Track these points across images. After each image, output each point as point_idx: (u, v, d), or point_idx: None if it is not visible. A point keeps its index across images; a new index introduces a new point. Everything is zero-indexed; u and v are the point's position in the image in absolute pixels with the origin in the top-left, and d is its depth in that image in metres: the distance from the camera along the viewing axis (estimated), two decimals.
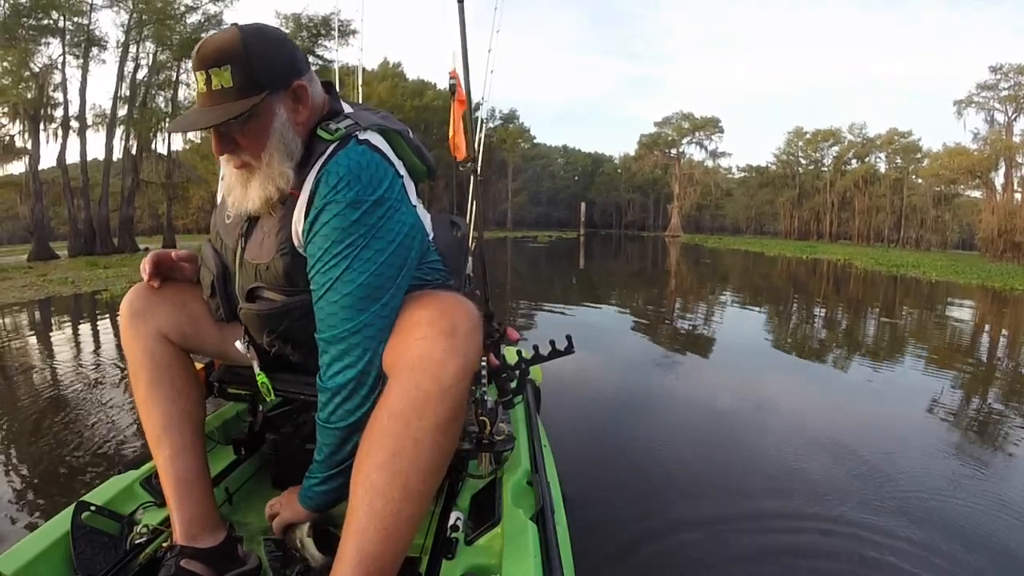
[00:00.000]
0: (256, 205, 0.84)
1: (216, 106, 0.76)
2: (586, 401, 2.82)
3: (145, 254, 1.03)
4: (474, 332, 0.79)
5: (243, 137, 0.80)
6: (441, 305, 0.80)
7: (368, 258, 0.78)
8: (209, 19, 20.73)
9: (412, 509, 0.75)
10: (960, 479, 2.00)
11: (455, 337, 0.76)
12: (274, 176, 0.82)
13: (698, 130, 47.36)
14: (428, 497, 0.78)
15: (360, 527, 0.73)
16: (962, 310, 7.55)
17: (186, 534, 0.90)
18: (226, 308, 0.98)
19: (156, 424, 0.95)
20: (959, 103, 28.74)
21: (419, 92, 36.30)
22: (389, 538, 0.73)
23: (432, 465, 0.76)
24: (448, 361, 0.75)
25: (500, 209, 51.79)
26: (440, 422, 0.75)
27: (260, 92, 0.77)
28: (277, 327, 0.91)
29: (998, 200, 25.85)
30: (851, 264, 16.64)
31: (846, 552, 1.52)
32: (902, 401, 3.04)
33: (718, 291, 9.06)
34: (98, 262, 13.69)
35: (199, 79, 0.77)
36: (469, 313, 0.80)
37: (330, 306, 0.80)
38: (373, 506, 0.73)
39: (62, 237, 21.05)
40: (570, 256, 18.18)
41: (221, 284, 0.96)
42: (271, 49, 0.78)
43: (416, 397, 0.74)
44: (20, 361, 3.74)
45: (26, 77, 17.36)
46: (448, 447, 0.79)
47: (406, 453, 0.74)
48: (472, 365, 0.78)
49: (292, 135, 0.83)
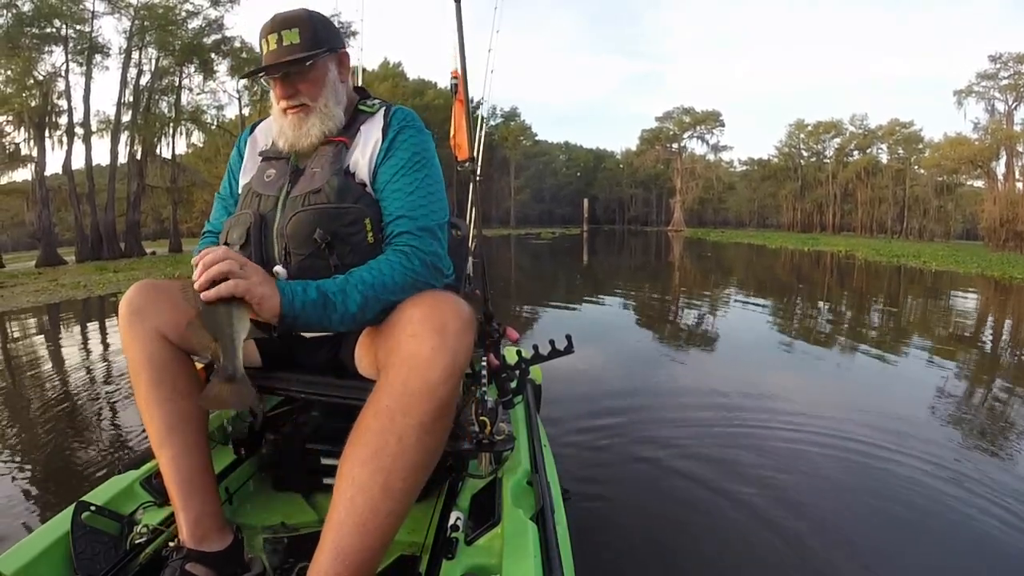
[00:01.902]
0: (313, 139, 1.00)
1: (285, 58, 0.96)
2: (586, 399, 2.82)
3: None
4: (464, 331, 0.78)
5: (303, 83, 0.98)
6: (432, 303, 0.80)
7: (438, 167, 1.02)
8: (210, 24, 20.82)
9: (392, 506, 0.75)
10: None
11: (444, 335, 0.76)
12: (330, 116, 1.01)
13: (699, 124, 47.16)
14: (410, 495, 0.77)
15: (339, 521, 0.73)
16: (955, 299, 7.71)
17: (193, 537, 0.89)
18: (257, 252, 0.97)
19: (159, 425, 0.93)
20: (959, 93, 28.64)
21: (420, 92, 36.31)
22: (367, 534, 0.73)
23: (415, 463, 0.76)
24: (436, 359, 0.75)
25: (503, 207, 51.75)
26: (425, 420, 0.75)
27: (319, 48, 0.98)
28: (329, 226, 0.93)
29: (999, 189, 25.64)
30: (852, 255, 16.62)
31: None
32: (884, 381, 3.36)
33: (719, 284, 9.13)
34: (107, 266, 13.82)
35: (271, 40, 0.97)
36: (460, 311, 0.80)
37: (423, 199, 0.96)
38: (353, 501, 0.73)
39: (66, 243, 21.21)
40: (573, 252, 18.16)
41: (257, 230, 0.98)
42: (326, 21, 1.02)
43: (402, 394, 0.75)
44: (56, 360, 4.00)
45: (30, 85, 17.50)
46: (433, 446, 0.78)
47: (389, 450, 0.74)
48: (461, 364, 0.78)
49: (340, 89, 1.04)
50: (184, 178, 22.54)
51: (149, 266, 13.64)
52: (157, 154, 21.32)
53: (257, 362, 1.05)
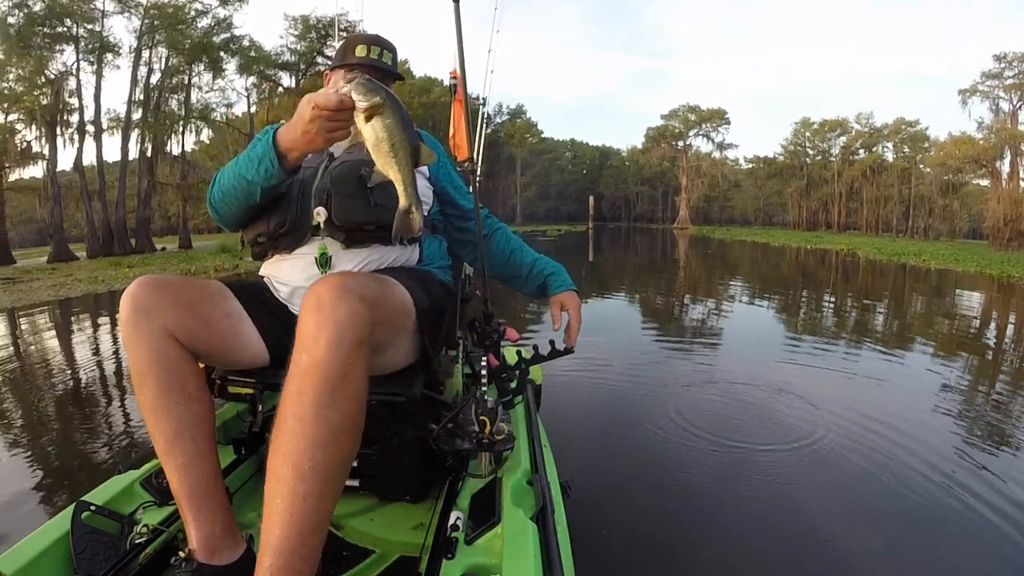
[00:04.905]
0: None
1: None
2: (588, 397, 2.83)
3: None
4: (339, 300, 0.78)
5: None
6: (312, 287, 0.82)
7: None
8: (219, 23, 20.93)
9: (307, 488, 0.73)
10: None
11: (321, 309, 0.77)
12: None
13: (704, 122, 46.81)
14: (325, 474, 0.75)
15: (268, 512, 0.74)
16: (945, 296, 7.85)
17: (205, 550, 0.87)
18: (294, 207, 1.06)
19: (166, 430, 0.89)
20: (964, 92, 28.30)
21: (426, 89, 36.31)
22: (293, 521, 0.72)
23: (319, 440, 0.74)
24: (320, 333, 0.76)
25: (509, 204, 51.70)
26: (320, 394, 0.75)
27: (397, 74, 1.25)
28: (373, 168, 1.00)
29: (1004, 188, 25.34)
30: (854, 253, 16.57)
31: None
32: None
33: (721, 280, 9.24)
34: (121, 262, 13.97)
35: (372, 50, 1.19)
36: (332, 284, 0.80)
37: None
38: (273, 490, 0.74)
39: (74, 240, 21.39)
40: (579, 249, 18.12)
41: (297, 189, 1.06)
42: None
43: (295, 373, 0.77)
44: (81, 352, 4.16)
45: (42, 83, 17.67)
46: (336, 419, 0.76)
47: (292, 432, 0.75)
48: (348, 332, 0.77)
49: None
50: (194, 175, 22.68)
51: (163, 261, 13.74)
52: (167, 151, 21.48)
53: (264, 361, 1.04)
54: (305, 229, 1.07)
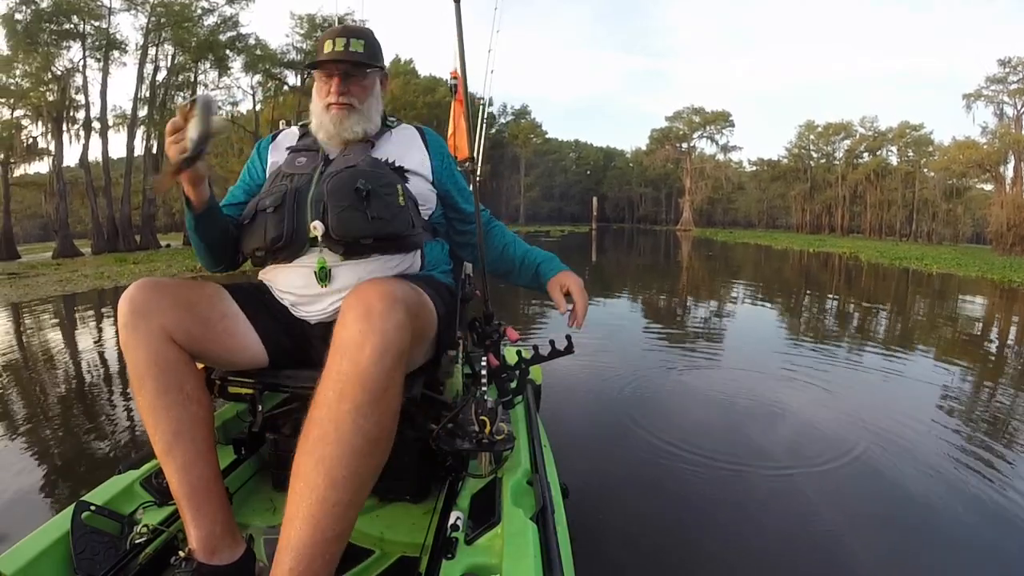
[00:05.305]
0: (354, 134, 1.15)
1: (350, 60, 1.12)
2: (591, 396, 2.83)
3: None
4: (389, 311, 0.78)
5: (356, 86, 1.14)
6: (359, 290, 0.82)
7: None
8: (225, 21, 21.02)
9: (339, 496, 0.73)
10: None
11: (370, 318, 0.77)
12: (369, 120, 1.17)
13: (709, 124, 46.72)
14: (356, 484, 0.75)
15: (291, 515, 0.73)
16: (947, 300, 7.82)
17: (205, 550, 0.87)
18: (291, 216, 1.04)
19: (166, 431, 0.89)
20: (968, 96, 28.31)
21: (431, 88, 36.26)
22: (318, 526, 0.72)
23: (354, 449, 0.74)
24: (365, 342, 0.75)
25: (513, 204, 51.70)
26: (360, 404, 0.75)
27: (376, 63, 1.16)
28: (369, 179, 1.03)
29: (1007, 193, 25.22)
30: (856, 257, 16.53)
31: None
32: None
33: (723, 282, 9.26)
34: (127, 258, 14.02)
35: (338, 43, 1.11)
36: (383, 293, 0.80)
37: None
38: (301, 493, 0.73)
39: (78, 235, 21.47)
40: (582, 250, 18.12)
41: (291, 198, 1.05)
42: (380, 44, 1.19)
43: (336, 380, 0.76)
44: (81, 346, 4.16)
45: (48, 80, 17.77)
46: (372, 431, 0.76)
47: (328, 438, 0.74)
48: (393, 344, 0.77)
49: (379, 103, 1.21)
50: None
51: (168, 258, 13.77)
52: None
53: (263, 362, 1.04)
54: (302, 241, 1.04)
